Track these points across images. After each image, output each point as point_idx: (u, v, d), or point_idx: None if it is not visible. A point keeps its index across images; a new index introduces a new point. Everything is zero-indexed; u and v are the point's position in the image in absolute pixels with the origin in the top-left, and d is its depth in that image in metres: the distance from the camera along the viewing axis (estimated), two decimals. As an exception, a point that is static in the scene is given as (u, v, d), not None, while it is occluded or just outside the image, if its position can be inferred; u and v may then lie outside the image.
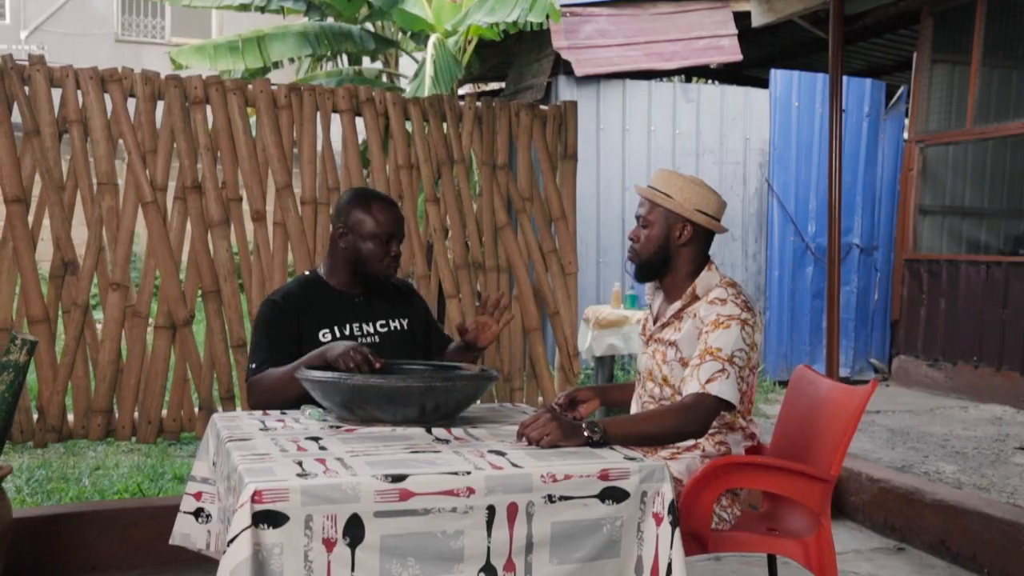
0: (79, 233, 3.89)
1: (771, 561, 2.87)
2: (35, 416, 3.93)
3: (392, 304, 3.05)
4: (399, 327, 3.03)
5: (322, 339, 2.84)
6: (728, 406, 2.42)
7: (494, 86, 11.73)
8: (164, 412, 4.13)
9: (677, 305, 2.61)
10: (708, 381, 2.39)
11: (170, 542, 2.60)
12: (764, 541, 2.62)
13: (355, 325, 2.93)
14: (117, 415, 4.04)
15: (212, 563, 2.91)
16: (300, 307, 2.89)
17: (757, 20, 5.20)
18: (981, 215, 8.62)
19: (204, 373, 4.16)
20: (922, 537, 4.00)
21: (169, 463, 5.22)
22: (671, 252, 2.61)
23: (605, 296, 7.71)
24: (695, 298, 2.57)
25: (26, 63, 3.85)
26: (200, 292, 4.15)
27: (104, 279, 4.00)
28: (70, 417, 4.01)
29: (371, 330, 2.96)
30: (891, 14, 8.12)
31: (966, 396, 7.63)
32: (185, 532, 2.57)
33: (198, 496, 2.57)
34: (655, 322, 2.71)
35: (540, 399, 4.70)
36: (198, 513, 2.56)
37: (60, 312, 3.94)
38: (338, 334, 2.89)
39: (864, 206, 8.50)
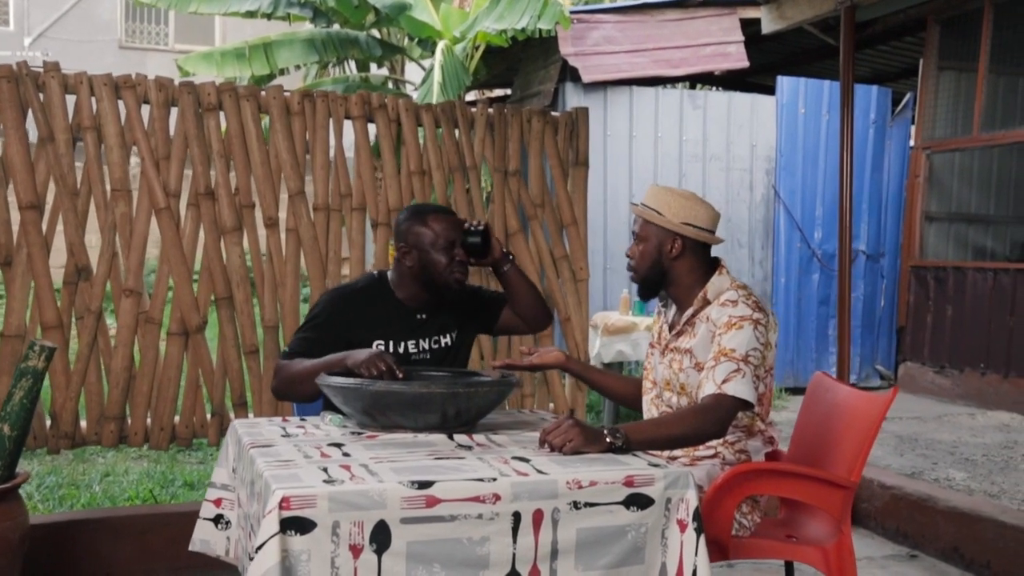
0: (93, 239, 3.89)
1: (788, 568, 2.87)
2: (48, 422, 3.93)
3: (448, 317, 2.99)
4: (449, 342, 2.98)
5: (375, 349, 2.81)
6: (746, 405, 2.43)
7: (499, 92, 11.76)
8: (176, 419, 4.12)
9: (689, 312, 2.62)
10: (724, 381, 2.40)
11: (189, 548, 2.60)
12: (784, 548, 2.63)
13: (411, 343, 2.90)
14: (130, 421, 4.04)
15: (228, 569, 2.92)
16: (360, 311, 2.87)
17: (767, 27, 5.20)
18: (988, 222, 8.62)
19: (216, 380, 4.16)
20: (935, 544, 4.00)
21: (179, 469, 5.23)
22: (666, 266, 2.63)
23: (612, 302, 7.71)
24: (706, 303, 2.59)
25: (40, 70, 3.85)
26: (213, 299, 4.15)
27: (117, 285, 4.00)
28: (83, 423, 4.01)
29: (426, 347, 2.92)
30: (899, 21, 8.13)
31: (973, 403, 7.62)
32: (205, 538, 2.58)
33: (218, 503, 2.57)
34: (671, 330, 2.71)
35: (551, 405, 4.70)
36: (218, 520, 2.56)
37: (73, 318, 3.94)
38: (391, 349, 2.86)
39: (870, 213, 8.50)
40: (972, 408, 7.51)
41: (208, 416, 4.17)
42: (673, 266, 2.62)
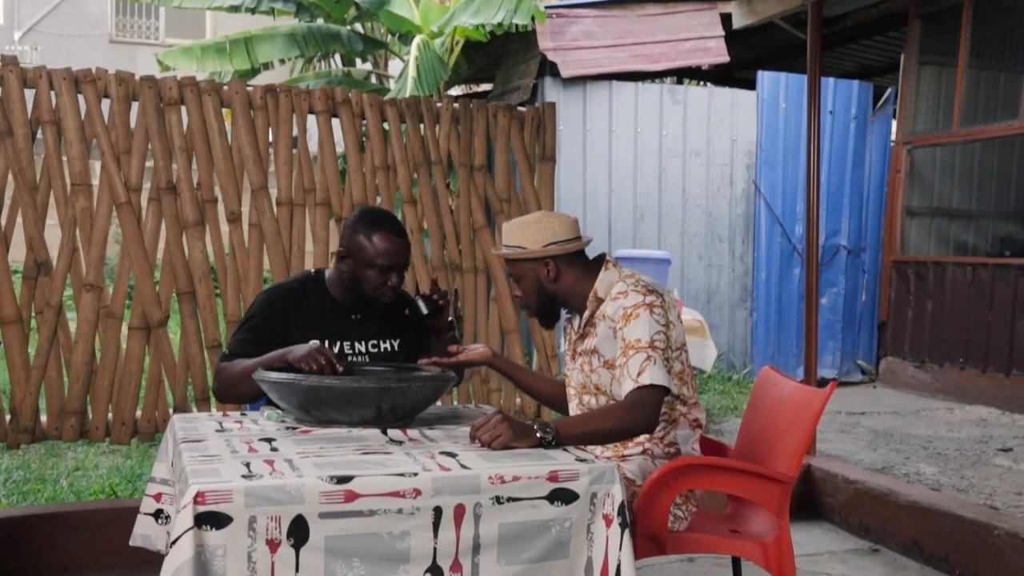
0: (53, 234, 3.88)
1: (735, 563, 2.87)
2: (8, 417, 3.93)
3: (386, 322, 2.95)
4: (390, 348, 2.95)
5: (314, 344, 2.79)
6: (665, 391, 2.43)
7: (485, 87, 11.74)
8: (138, 413, 4.13)
9: (587, 314, 2.63)
10: (639, 373, 2.40)
11: (130, 543, 2.60)
12: (724, 542, 2.62)
13: (346, 343, 2.87)
14: (91, 416, 4.04)
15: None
16: (294, 310, 2.84)
17: (738, 22, 5.19)
18: (968, 217, 8.63)
19: (179, 374, 4.16)
20: (896, 538, 4.00)
21: (149, 464, 5.21)
22: (551, 291, 2.65)
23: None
24: (600, 300, 2.60)
25: (-2, 64, 3.85)
26: (175, 293, 4.14)
27: (78, 280, 4.00)
28: (43, 418, 4.01)
29: (362, 349, 2.89)
30: (873, 16, 8.12)
31: (952, 397, 7.62)
32: (145, 533, 2.58)
33: (158, 497, 2.57)
34: (576, 334, 2.72)
35: (518, 401, 4.70)
36: (158, 514, 2.57)
37: (33, 313, 3.94)
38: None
39: (851, 208, 8.50)
40: (951, 402, 7.52)
41: (170, 411, 4.17)
42: (559, 288, 2.63)
